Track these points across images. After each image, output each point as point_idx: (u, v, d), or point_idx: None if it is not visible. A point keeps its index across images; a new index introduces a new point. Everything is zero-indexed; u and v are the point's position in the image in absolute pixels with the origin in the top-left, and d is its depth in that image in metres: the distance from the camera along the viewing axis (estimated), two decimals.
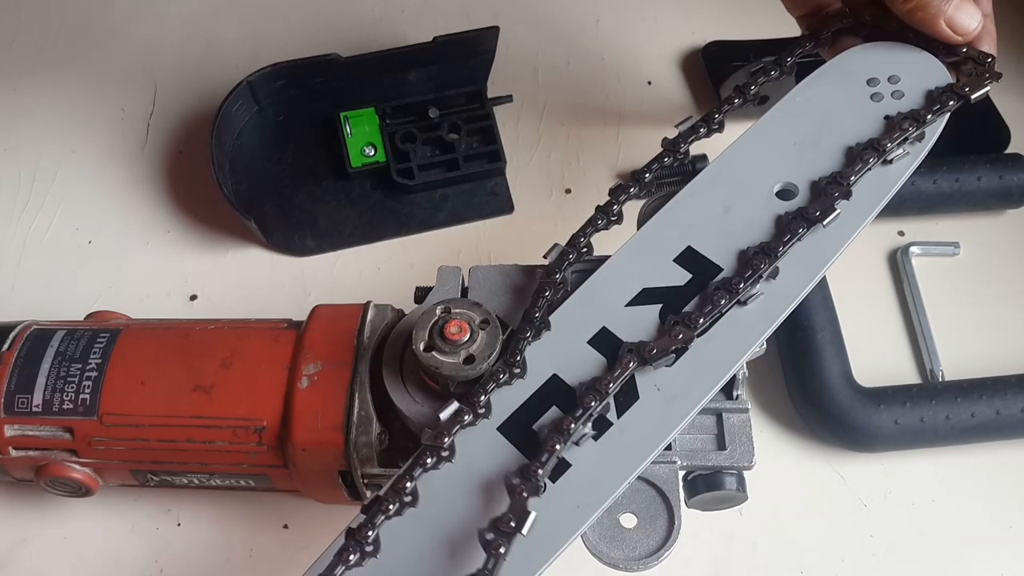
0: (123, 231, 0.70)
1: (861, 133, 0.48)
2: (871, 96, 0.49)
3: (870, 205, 0.46)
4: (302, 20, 0.79)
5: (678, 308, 0.44)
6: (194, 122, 0.74)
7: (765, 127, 0.50)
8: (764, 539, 0.58)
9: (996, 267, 0.68)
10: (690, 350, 0.43)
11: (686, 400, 0.42)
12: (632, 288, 0.45)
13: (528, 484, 0.39)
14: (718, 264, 0.45)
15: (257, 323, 0.54)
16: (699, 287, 0.44)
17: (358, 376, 0.48)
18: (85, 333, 0.53)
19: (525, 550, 0.38)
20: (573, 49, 0.77)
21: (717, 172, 0.49)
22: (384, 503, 0.39)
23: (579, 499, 0.40)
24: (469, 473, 0.41)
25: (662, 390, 0.42)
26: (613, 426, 0.42)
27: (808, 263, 0.44)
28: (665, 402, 0.42)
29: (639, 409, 0.42)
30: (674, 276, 0.45)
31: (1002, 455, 0.61)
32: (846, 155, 0.47)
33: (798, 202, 0.46)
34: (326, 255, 0.69)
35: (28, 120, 0.74)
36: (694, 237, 0.46)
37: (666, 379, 0.42)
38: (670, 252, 0.46)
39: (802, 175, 0.47)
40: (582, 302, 0.46)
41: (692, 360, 0.43)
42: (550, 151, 0.73)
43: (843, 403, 0.59)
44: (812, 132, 0.49)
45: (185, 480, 0.53)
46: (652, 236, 0.47)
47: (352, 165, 0.69)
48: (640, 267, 0.46)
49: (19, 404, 0.50)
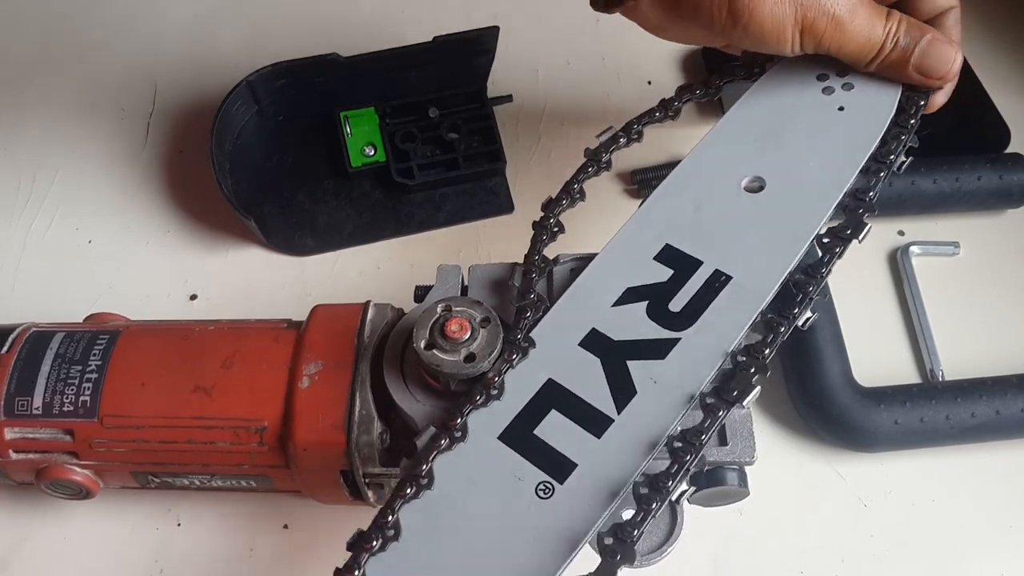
0: (123, 231, 0.70)
1: (818, 125, 0.51)
2: (823, 90, 0.52)
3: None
4: (302, 20, 0.79)
5: (665, 303, 0.45)
6: (194, 122, 0.74)
7: (726, 127, 0.52)
8: (764, 539, 0.58)
9: (996, 267, 0.68)
10: (681, 340, 0.44)
11: (683, 390, 0.43)
12: (616, 289, 0.46)
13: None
14: (697, 258, 0.47)
15: (257, 323, 0.54)
16: (682, 281, 0.46)
17: (359, 375, 0.48)
18: (85, 335, 0.52)
19: (540, 551, 0.39)
20: (573, 49, 0.77)
21: (685, 173, 0.51)
22: (368, 540, 0.39)
23: (589, 496, 0.40)
24: (476, 486, 0.42)
25: (658, 382, 0.43)
26: (614, 422, 0.42)
27: (782, 248, 0.46)
28: (662, 392, 0.43)
29: (638, 403, 0.43)
30: (656, 273, 0.47)
31: (1002, 455, 0.61)
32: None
33: (768, 194, 0.49)
34: (326, 255, 0.69)
35: (28, 120, 0.74)
36: (671, 235, 0.48)
37: (661, 371, 0.43)
38: (650, 251, 0.48)
39: (767, 168, 0.50)
40: (568, 307, 0.47)
41: (684, 350, 0.44)
42: (550, 151, 0.73)
43: (843, 403, 0.59)
44: (772, 127, 0.51)
45: (186, 481, 0.53)
46: (630, 238, 0.49)
47: (352, 165, 0.69)
48: (622, 268, 0.47)
49: (19, 406, 0.50)
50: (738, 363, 0.43)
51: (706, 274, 0.46)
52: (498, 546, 0.40)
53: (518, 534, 0.40)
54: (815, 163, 0.49)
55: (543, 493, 0.41)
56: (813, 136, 0.51)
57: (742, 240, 0.47)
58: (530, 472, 0.41)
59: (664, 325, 0.44)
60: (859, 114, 0.51)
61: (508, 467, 0.42)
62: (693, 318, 0.44)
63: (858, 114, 0.51)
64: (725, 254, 0.46)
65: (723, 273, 0.46)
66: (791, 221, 0.47)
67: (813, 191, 0.48)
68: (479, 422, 0.43)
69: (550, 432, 0.42)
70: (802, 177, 0.49)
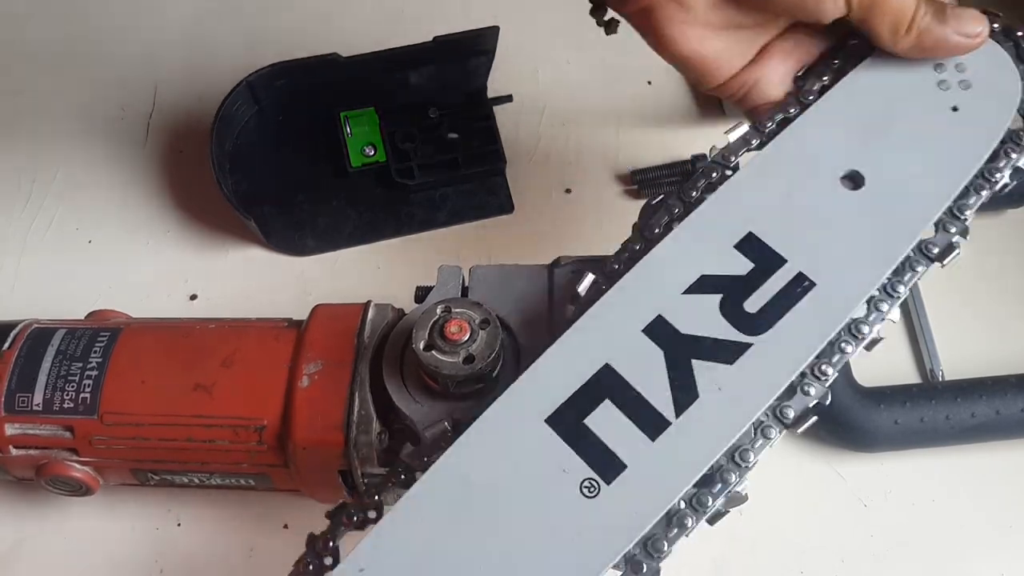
0: (123, 231, 0.70)
1: (929, 122, 0.45)
2: (938, 83, 0.46)
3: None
4: (302, 20, 0.79)
5: (740, 300, 0.41)
6: (194, 122, 0.74)
7: (828, 106, 0.46)
8: (764, 539, 0.58)
9: (996, 267, 0.68)
10: (753, 347, 0.40)
11: (749, 402, 0.39)
12: (690, 274, 0.42)
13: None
14: (782, 255, 0.42)
15: (258, 322, 0.54)
16: (762, 278, 0.41)
17: (358, 375, 0.48)
18: (86, 332, 0.53)
19: (579, 553, 0.37)
20: (573, 49, 0.77)
21: (777, 152, 0.45)
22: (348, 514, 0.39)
23: (636, 506, 0.38)
24: (516, 470, 0.38)
25: (723, 390, 0.39)
26: (671, 426, 0.39)
27: (874, 258, 0.42)
28: (726, 403, 0.39)
29: (698, 409, 0.39)
30: (736, 264, 0.42)
31: (1002, 455, 0.61)
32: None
33: (867, 193, 0.43)
34: (326, 255, 0.69)
35: (28, 120, 0.74)
36: (756, 223, 0.43)
37: (727, 378, 0.39)
38: (732, 236, 0.43)
39: (869, 163, 0.44)
40: (637, 284, 0.42)
41: (755, 359, 0.40)
42: (550, 151, 0.73)
43: (843, 403, 0.59)
44: (878, 116, 0.46)
45: (185, 479, 0.53)
46: (710, 218, 0.44)
47: (352, 165, 0.69)
48: (700, 249, 0.43)
49: (20, 403, 0.50)
50: (803, 383, 0.40)
51: (789, 275, 0.42)
52: (532, 541, 0.37)
53: (556, 532, 0.37)
54: (921, 166, 0.44)
55: (588, 492, 0.38)
56: (923, 135, 0.45)
57: (832, 242, 0.43)
58: (577, 465, 0.38)
59: (737, 326, 0.40)
60: (974, 118, 0.45)
61: (553, 456, 0.38)
62: (770, 323, 0.40)
63: (973, 118, 0.45)
64: (812, 255, 0.42)
65: (806, 278, 0.41)
66: (887, 229, 0.43)
67: (916, 199, 0.43)
68: (525, 399, 0.40)
69: (602, 424, 0.39)
70: (906, 180, 0.44)
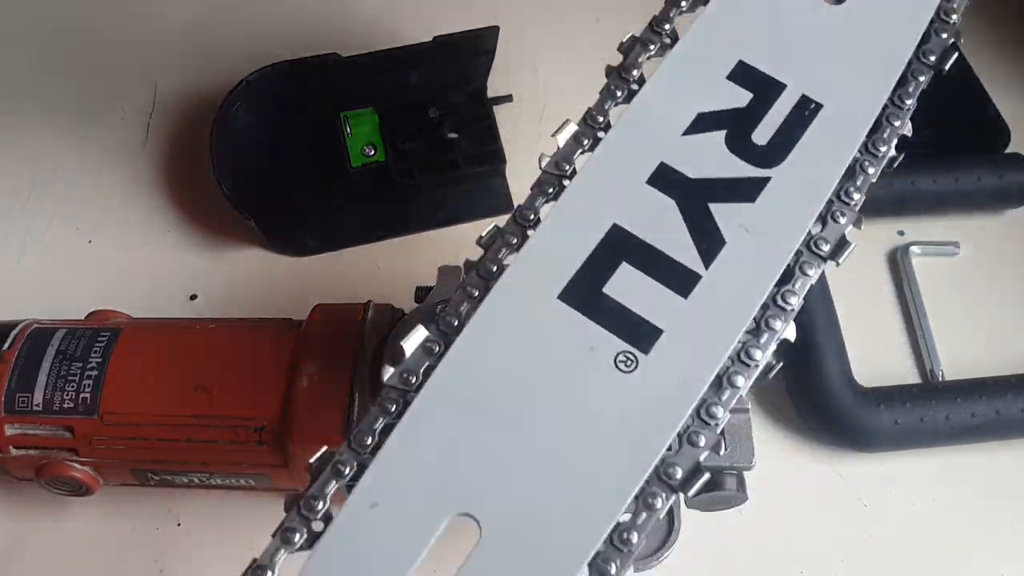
0: (123, 231, 0.70)
1: None
2: None
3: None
4: (302, 20, 0.79)
5: (747, 133, 0.39)
6: (194, 122, 0.74)
7: None
8: (764, 539, 0.58)
9: (996, 267, 0.68)
10: (772, 180, 0.37)
11: (783, 238, 0.37)
12: (685, 114, 0.39)
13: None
14: (780, 80, 0.40)
15: (258, 322, 0.54)
16: (765, 107, 0.39)
17: (358, 376, 0.48)
18: (86, 332, 0.52)
19: (628, 436, 0.33)
20: (573, 49, 0.77)
21: None
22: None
23: (684, 371, 0.34)
24: (536, 358, 0.35)
25: (751, 230, 0.37)
26: (703, 278, 0.36)
27: (874, 72, 0.40)
28: (758, 243, 0.36)
29: (729, 255, 0.36)
30: (733, 96, 0.39)
31: (1002, 455, 0.61)
32: None
33: (850, 7, 0.41)
34: (326, 255, 0.69)
35: (27, 119, 0.74)
36: (744, 51, 0.40)
37: (753, 217, 0.37)
38: (721, 68, 0.40)
39: None
40: (628, 134, 0.39)
41: (778, 192, 0.37)
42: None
43: (843, 403, 0.59)
44: None
45: (185, 479, 0.53)
46: (693, 52, 0.41)
47: (352, 165, 0.69)
48: (688, 88, 0.40)
49: (20, 403, 0.50)
50: (832, 211, 0.37)
51: (793, 99, 0.39)
52: (574, 435, 0.34)
53: (597, 418, 0.34)
54: None
55: (624, 366, 0.34)
56: None
57: (828, 61, 0.40)
58: (604, 339, 0.35)
59: (749, 160, 0.37)
60: None
61: (576, 334, 0.35)
62: (784, 153, 0.38)
63: None
64: (812, 77, 0.39)
65: (812, 100, 0.39)
66: (880, 42, 0.40)
67: (901, 8, 0.41)
68: (530, 276, 0.36)
69: (624, 290, 0.36)
70: None
